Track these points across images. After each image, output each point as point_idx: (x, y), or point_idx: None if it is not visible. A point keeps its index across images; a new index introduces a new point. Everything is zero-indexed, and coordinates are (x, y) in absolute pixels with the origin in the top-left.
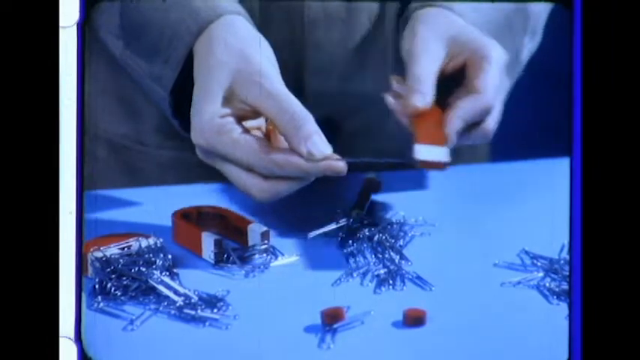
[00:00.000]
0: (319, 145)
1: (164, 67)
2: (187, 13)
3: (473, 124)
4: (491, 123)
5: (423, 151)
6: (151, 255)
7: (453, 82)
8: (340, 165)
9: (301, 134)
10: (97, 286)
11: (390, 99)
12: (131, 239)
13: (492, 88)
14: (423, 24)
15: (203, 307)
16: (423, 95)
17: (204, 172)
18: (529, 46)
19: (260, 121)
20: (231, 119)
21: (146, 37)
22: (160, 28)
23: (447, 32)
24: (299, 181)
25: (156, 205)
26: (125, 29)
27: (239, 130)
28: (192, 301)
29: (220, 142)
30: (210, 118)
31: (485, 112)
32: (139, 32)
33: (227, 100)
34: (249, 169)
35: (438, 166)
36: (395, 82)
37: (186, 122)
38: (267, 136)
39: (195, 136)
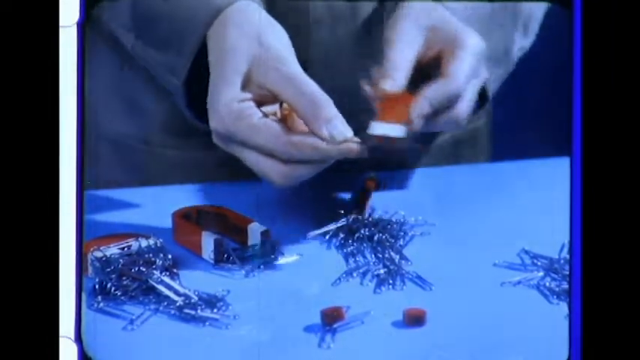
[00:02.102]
0: (340, 127)
1: (177, 56)
2: (199, 1)
3: (442, 110)
4: (462, 110)
5: (376, 127)
6: (151, 255)
7: (429, 74)
8: (361, 147)
9: (322, 117)
10: (97, 286)
11: (365, 85)
12: (131, 239)
13: (462, 74)
14: (404, 14)
15: (203, 306)
16: (394, 80)
17: (207, 171)
18: (521, 43)
19: (275, 107)
20: (250, 104)
21: (158, 28)
22: (172, 18)
23: (427, 22)
24: (319, 164)
25: (156, 205)
26: (136, 20)
27: (259, 114)
28: (192, 300)
29: (240, 127)
30: (229, 103)
31: (454, 98)
32: (150, 23)
33: (245, 85)
34: (268, 154)
35: (390, 141)
36: (375, 71)
37: (199, 112)
38: (283, 121)
39: (214, 122)
